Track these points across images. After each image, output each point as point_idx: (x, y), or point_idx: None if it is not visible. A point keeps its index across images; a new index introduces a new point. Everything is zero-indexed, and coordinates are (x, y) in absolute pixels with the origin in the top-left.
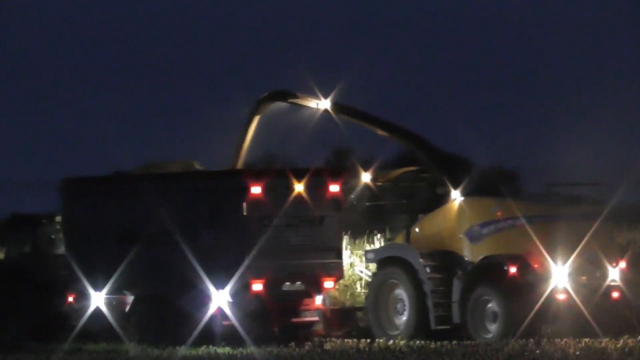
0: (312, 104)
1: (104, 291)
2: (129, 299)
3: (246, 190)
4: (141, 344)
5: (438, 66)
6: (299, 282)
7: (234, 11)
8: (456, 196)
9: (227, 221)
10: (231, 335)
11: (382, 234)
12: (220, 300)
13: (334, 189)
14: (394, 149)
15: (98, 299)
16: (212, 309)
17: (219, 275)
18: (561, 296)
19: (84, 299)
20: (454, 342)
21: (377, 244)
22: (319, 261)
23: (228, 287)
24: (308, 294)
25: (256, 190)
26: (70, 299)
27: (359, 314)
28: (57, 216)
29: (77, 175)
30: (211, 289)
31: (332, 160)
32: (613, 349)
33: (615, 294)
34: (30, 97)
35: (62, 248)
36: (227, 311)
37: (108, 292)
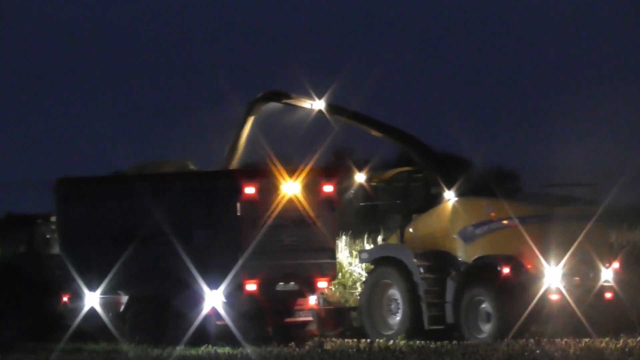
0: (306, 104)
1: (98, 291)
2: (124, 299)
3: (240, 190)
4: (135, 343)
5: (436, 66)
6: (292, 282)
7: (228, 12)
8: (450, 196)
9: (221, 221)
10: (225, 335)
11: (373, 235)
12: (214, 300)
13: (327, 189)
14: (391, 149)
15: (93, 299)
16: (206, 309)
17: (213, 275)
18: (554, 296)
19: (78, 299)
20: (454, 342)
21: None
22: (313, 261)
23: (222, 287)
24: (302, 294)
25: (250, 190)
26: (65, 299)
27: (353, 314)
28: (52, 216)
29: (71, 175)
30: (205, 289)
31: (331, 161)
32: (613, 349)
33: (609, 295)
34: (24, 97)
35: (57, 248)
36: (221, 311)
37: (103, 292)
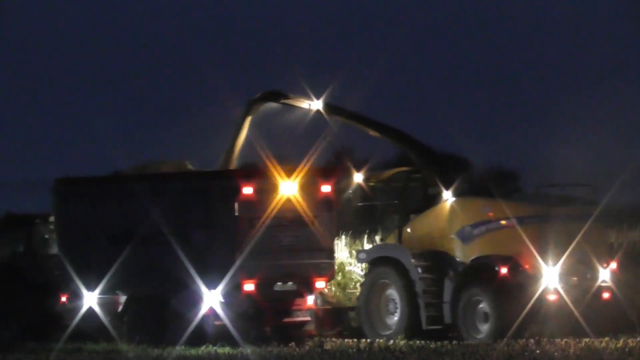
0: (304, 104)
1: (96, 291)
2: (122, 299)
3: (238, 190)
4: (135, 343)
5: (435, 66)
6: (290, 282)
7: (227, 12)
8: (448, 197)
9: (219, 221)
10: (223, 335)
11: (373, 234)
12: (212, 300)
13: (325, 189)
14: (391, 149)
15: (91, 299)
16: (204, 309)
17: (211, 276)
18: (552, 297)
19: (77, 299)
20: (454, 342)
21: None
22: (311, 261)
23: (220, 287)
24: (300, 294)
25: (248, 190)
26: (64, 298)
27: (351, 314)
28: (51, 216)
29: (70, 176)
30: (203, 289)
31: (330, 161)
32: (613, 349)
33: (606, 295)
34: (23, 97)
35: (56, 248)
36: (219, 311)
37: (101, 292)
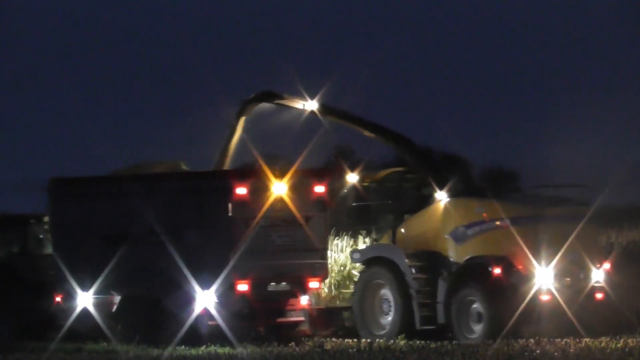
0: (299, 105)
1: (91, 291)
2: (116, 299)
3: (231, 191)
4: (135, 343)
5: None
6: (284, 283)
7: (220, 13)
8: (442, 197)
9: (213, 222)
10: (217, 335)
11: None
12: (206, 300)
13: (319, 189)
14: (390, 149)
15: (85, 299)
16: (198, 309)
17: (205, 276)
18: (545, 297)
19: (71, 299)
20: (454, 342)
21: None
22: (304, 261)
23: (214, 288)
24: (293, 294)
25: (241, 191)
26: (58, 299)
27: (345, 314)
28: (45, 216)
29: (64, 176)
30: (197, 289)
31: (326, 162)
32: (613, 349)
33: (599, 295)
34: (17, 97)
35: (50, 248)
36: (213, 311)
37: (95, 293)
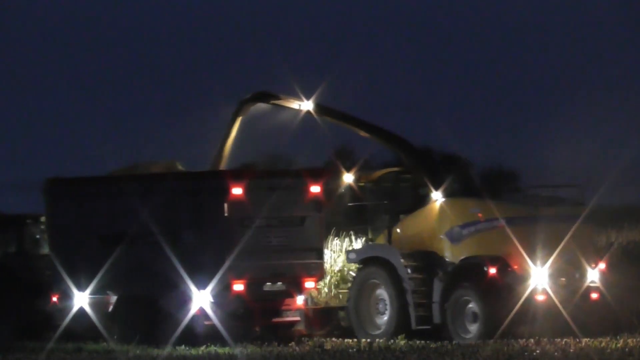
0: (295, 105)
1: (87, 291)
2: (112, 299)
3: (227, 191)
4: (133, 343)
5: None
6: (280, 282)
7: (217, 13)
8: (437, 197)
9: (209, 222)
10: (213, 335)
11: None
12: (202, 300)
13: (315, 189)
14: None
15: (82, 299)
16: (194, 309)
17: (201, 276)
18: (540, 297)
19: (67, 299)
20: (454, 342)
21: None
22: (300, 261)
23: (210, 288)
24: (289, 294)
25: (237, 191)
26: (55, 299)
27: (341, 314)
28: (42, 216)
29: (61, 176)
30: (193, 289)
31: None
32: (613, 349)
33: (595, 295)
34: (13, 97)
35: (47, 248)
36: (209, 311)
37: (92, 292)
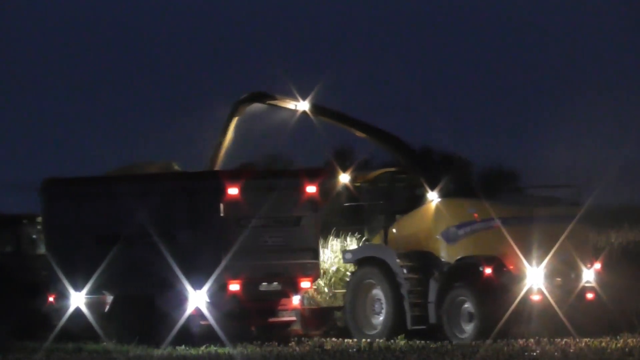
0: (291, 105)
1: (84, 291)
2: (109, 299)
3: (223, 191)
4: (126, 344)
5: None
6: (275, 282)
7: (212, 13)
8: (433, 197)
9: (205, 222)
10: (209, 335)
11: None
12: (198, 300)
13: (310, 189)
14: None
15: (78, 299)
16: (190, 309)
17: (197, 276)
18: (536, 297)
19: (64, 299)
20: (455, 342)
21: None
22: (296, 261)
23: (206, 287)
24: (285, 294)
25: (233, 191)
26: (51, 299)
27: (337, 314)
28: (38, 216)
29: (57, 176)
30: (189, 289)
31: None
32: (613, 349)
33: (590, 295)
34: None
35: (43, 248)
36: (205, 311)
37: (88, 292)
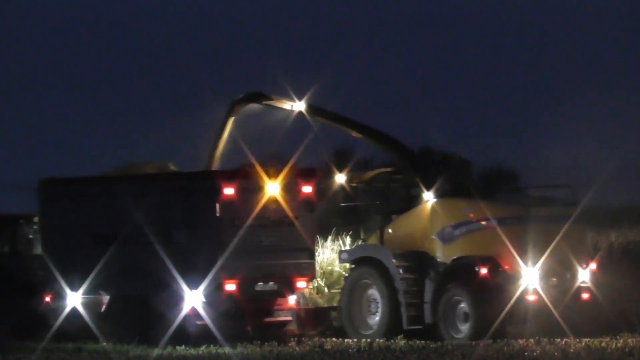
0: (287, 105)
1: (80, 291)
2: (105, 299)
3: (219, 191)
4: (126, 344)
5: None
6: (271, 282)
7: (208, 13)
8: (429, 197)
9: (201, 222)
10: (205, 335)
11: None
12: (194, 300)
13: (307, 189)
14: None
15: (75, 299)
16: (186, 308)
17: (193, 276)
18: (532, 297)
19: (61, 299)
20: (455, 342)
21: None
22: (292, 261)
23: (202, 287)
24: (281, 293)
25: (229, 191)
26: (48, 299)
27: (333, 314)
28: (35, 217)
29: (54, 176)
30: (185, 289)
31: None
32: (613, 349)
33: (586, 295)
34: (7, 98)
35: (40, 248)
36: (201, 311)
37: (84, 292)
